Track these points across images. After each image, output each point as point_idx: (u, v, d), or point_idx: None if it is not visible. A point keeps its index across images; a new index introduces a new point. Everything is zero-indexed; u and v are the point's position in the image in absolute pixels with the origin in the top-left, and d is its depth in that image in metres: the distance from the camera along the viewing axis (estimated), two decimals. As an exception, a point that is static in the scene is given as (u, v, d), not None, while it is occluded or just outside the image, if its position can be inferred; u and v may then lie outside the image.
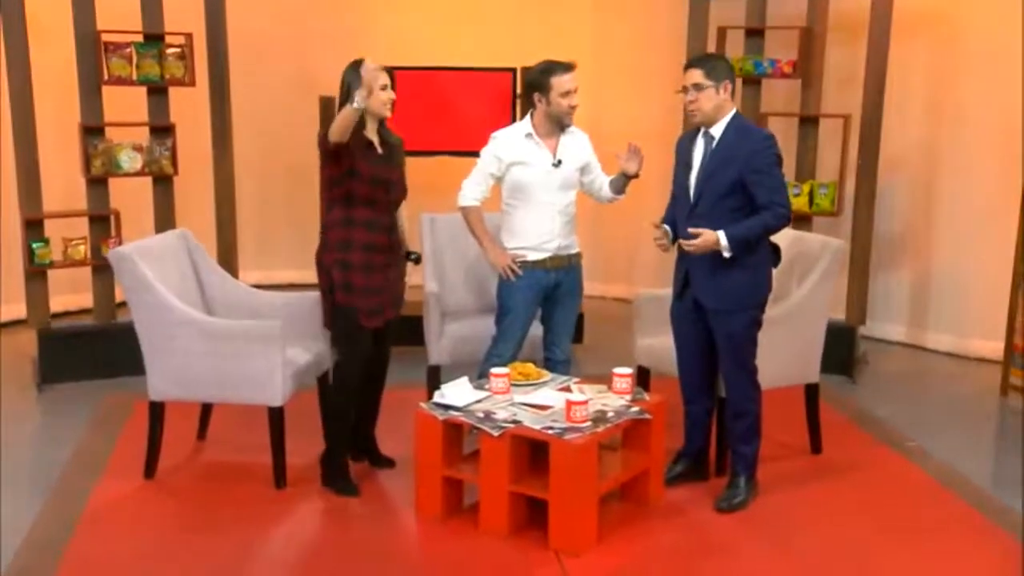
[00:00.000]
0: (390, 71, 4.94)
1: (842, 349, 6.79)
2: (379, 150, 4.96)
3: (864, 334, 7.30)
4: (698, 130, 4.83)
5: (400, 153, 5.09)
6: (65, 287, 7.70)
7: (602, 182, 5.44)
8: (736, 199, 4.65)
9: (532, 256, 5.27)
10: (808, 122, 7.05)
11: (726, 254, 4.63)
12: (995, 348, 7.09)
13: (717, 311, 4.78)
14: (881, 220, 7.23)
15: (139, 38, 6.69)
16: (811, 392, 5.49)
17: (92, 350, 6.78)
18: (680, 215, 4.85)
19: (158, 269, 5.08)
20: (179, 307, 5.02)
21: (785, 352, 5.05)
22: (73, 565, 4.37)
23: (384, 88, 4.89)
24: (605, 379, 5.08)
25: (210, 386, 5.06)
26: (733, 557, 4.52)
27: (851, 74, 7.33)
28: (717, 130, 4.73)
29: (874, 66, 6.85)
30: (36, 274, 6.63)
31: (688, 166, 4.82)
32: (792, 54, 7.07)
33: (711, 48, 7.13)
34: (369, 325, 4.99)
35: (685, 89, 4.73)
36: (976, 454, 5.85)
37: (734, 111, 4.76)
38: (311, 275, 8.36)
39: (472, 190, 5.33)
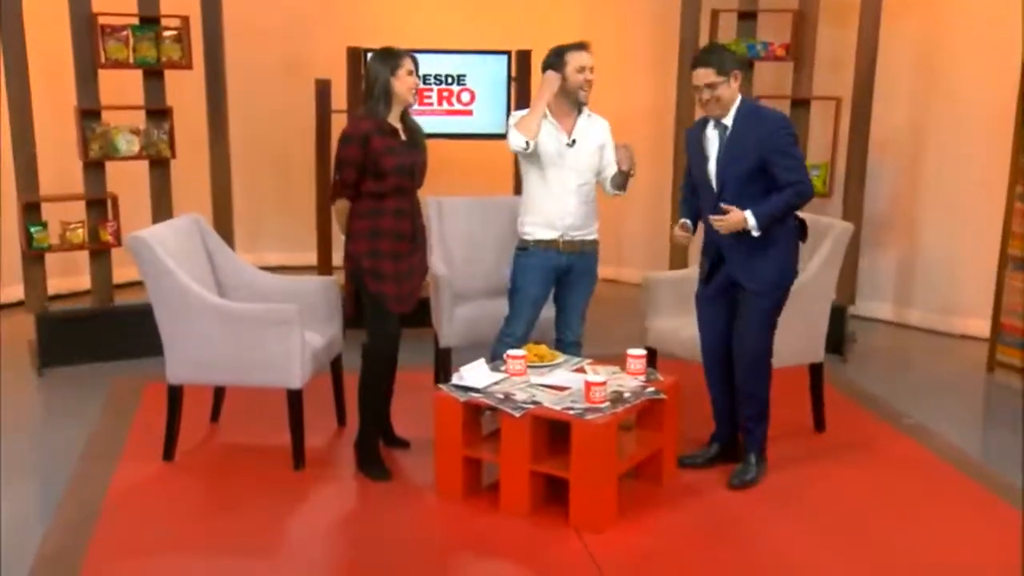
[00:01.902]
0: (414, 57, 4.99)
1: (832, 328, 6.86)
2: (403, 136, 5.01)
3: (850, 312, 7.44)
4: (704, 122, 4.90)
5: (422, 138, 5.13)
6: (55, 270, 7.68)
7: (608, 175, 5.50)
8: (759, 183, 4.73)
9: (544, 235, 5.34)
10: (799, 104, 7.15)
11: (755, 233, 4.71)
12: (979, 325, 7.28)
13: (752, 291, 4.85)
14: (867, 200, 7.36)
15: (134, 21, 6.67)
16: (815, 371, 5.62)
17: (91, 334, 6.80)
18: (705, 204, 4.91)
19: (174, 254, 5.10)
20: (198, 292, 5.05)
21: (792, 332, 5.14)
22: (104, 546, 4.41)
23: (410, 74, 4.93)
24: (603, 359, 5.21)
25: (229, 370, 5.11)
26: (750, 534, 4.62)
27: (839, 54, 7.45)
28: (729, 118, 4.79)
29: (865, 50, 6.99)
30: (34, 258, 6.63)
31: (704, 157, 4.87)
32: (782, 36, 7.17)
33: (704, 31, 7.23)
34: (397, 310, 5.06)
35: (697, 89, 4.77)
36: (970, 429, 6.05)
37: (740, 98, 4.81)
38: (300, 257, 8.53)
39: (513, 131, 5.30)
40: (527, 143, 5.21)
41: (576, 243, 5.38)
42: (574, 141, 5.33)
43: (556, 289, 5.50)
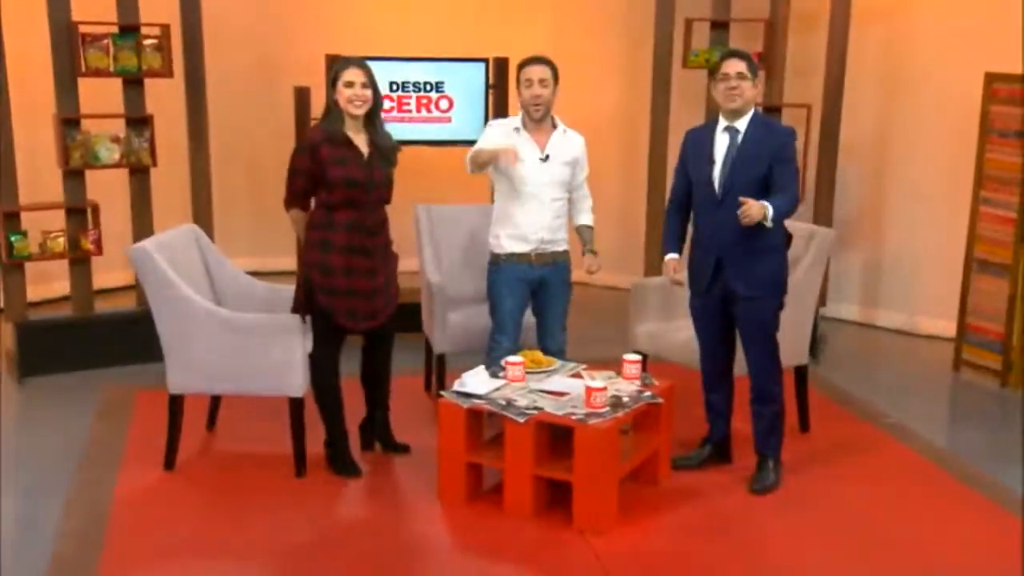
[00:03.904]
0: (364, 66, 4.94)
1: (804, 329, 7.10)
2: (362, 149, 4.98)
3: (820, 314, 7.62)
4: (713, 124, 5.01)
5: (388, 154, 5.07)
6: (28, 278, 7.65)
7: (578, 198, 5.56)
8: (763, 189, 4.85)
9: (516, 248, 5.40)
10: (771, 112, 7.30)
11: (769, 224, 4.78)
12: (943, 326, 7.52)
13: (752, 298, 4.96)
14: (835, 203, 7.53)
15: (114, 29, 6.66)
16: (800, 373, 5.79)
17: (71, 342, 6.78)
18: (703, 207, 5.01)
19: (174, 264, 5.14)
20: (200, 302, 5.09)
21: (779, 336, 5.24)
22: (116, 555, 4.46)
23: (348, 85, 4.89)
24: (584, 362, 5.37)
25: (230, 379, 5.15)
26: (747, 532, 4.77)
27: (806, 62, 7.62)
28: (741, 124, 4.91)
29: (834, 58, 7.18)
30: (13, 267, 6.61)
31: (710, 160, 4.96)
32: (754, 46, 7.30)
33: (677, 39, 7.38)
34: (350, 327, 5.08)
35: (726, 76, 4.89)
36: (943, 426, 6.29)
37: (753, 108, 4.96)
38: (270, 263, 8.54)
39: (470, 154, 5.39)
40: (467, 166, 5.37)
41: (547, 255, 5.45)
42: (547, 156, 5.38)
43: (533, 302, 5.57)
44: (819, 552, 4.58)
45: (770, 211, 4.76)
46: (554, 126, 5.44)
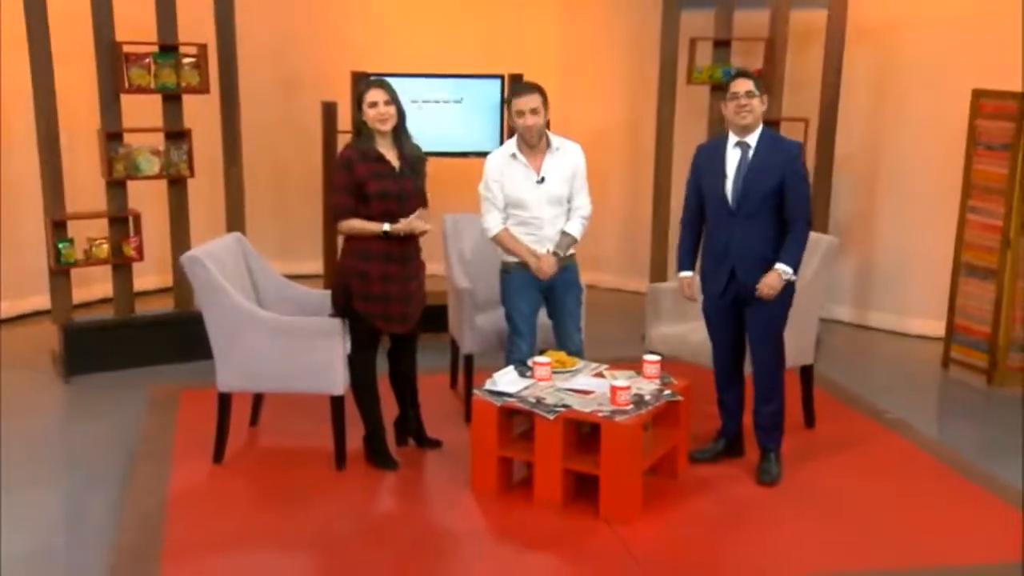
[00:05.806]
0: (385, 84, 5.31)
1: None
2: (394, 163, 5.35)
3: (815, 315, 8.03)
4: (723, 140, 5.39)
5: (419, 165, 5.44)
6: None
7: (573, 207, 5.75)
8: (773, 200, 5.25)
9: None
10: (769, 125, 7.64)
11: (792, 278, 5.27)
12: (932, 326, 7.95)
13: (764, 301, 5.31)
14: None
15: (155, 49, 7.03)
16: (806, 372, 6.18)
17: (113, 343, 7.17)
18: (716, 219, 5.38)
19: (223, 270, 5.51)
20: (248, 307, 5.47)
21: (787, 338, 5.55)
22: (178, 544, 4.80)
23: (372, 106, 5.27)
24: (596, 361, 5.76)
25: (275, 378, 5.53)
26: (763, 521, 5.14)
27: (803, 77, 8.03)
28: (752, 140, 5.30)
29: (830, 74, 7.60)
30: (60, 272, 6.98)
31: (721, 173, 5.33)
32: (754, 63, 7.72)
33: (682, 56, 7.76)
34: (385, 330, 5.48)
35: (735, 95, 5.26)
36: (934, 421, 6.71)
37: (762, 124, 5.36)
38: (297, 266, 8.86)
39: (489, 219, 5.74)
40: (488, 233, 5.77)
41: None
42: (543, 179, 5.65)
43: (547, 306, 5.88)
44: (827, 539, 4.93)
45: (787, 273, 5.24)
46: (548, 145, 5.68)
